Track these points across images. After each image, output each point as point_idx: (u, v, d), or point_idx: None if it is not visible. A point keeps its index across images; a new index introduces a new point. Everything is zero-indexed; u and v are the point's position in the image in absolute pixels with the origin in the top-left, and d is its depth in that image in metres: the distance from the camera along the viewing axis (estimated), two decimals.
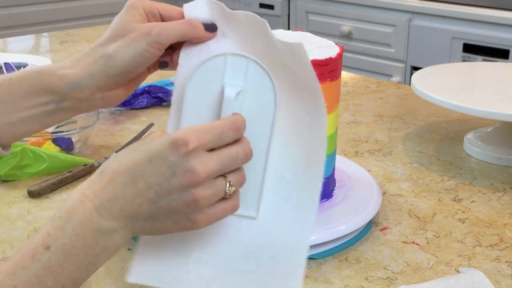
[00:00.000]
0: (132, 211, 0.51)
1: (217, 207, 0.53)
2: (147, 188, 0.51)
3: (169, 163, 0.51)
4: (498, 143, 0.97)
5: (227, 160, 0.53)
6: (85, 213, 0.50)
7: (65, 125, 0.97)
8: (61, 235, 0.49)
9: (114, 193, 0.51)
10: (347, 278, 0.66)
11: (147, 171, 0.51)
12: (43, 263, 0.48)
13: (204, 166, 0.51)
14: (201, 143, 0.51)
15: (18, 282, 0.47)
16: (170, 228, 0.53)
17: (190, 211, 0.52)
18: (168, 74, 1.43)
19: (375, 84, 1.36)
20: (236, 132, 0.54)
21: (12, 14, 2.81)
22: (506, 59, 2.04)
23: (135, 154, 0.52)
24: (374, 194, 0.77)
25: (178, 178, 0.51)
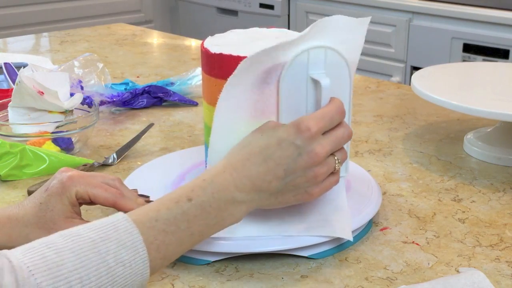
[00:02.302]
0: (262, 186, 0.61)
1: (327, 180, 0.65)
2: (277, 167, 0.61)
3: (295, 146, 0.61)
4: (498, 143, 0.97)
5: (336, 141, 0.64)
6: (224, 182, 0.59)
7: (65, 125, 0.97)
8: (202, 193, 0.58)
9: (250, 171, 0.60)
10: (347, 278, 0.66)
11: (277, 152, 0.61)
12: (184, 209, 0.57)
13: (323, 148, 0.62)
14: (320, 128, 0.62)
15: (160, 217, 0.56)
16: (290, 200, 0.64)
17: (309, 185, 0.63)
18: (168, 74, 1.43)
19: (375, 84, 1.36)
20: (341, 115, 0.64)
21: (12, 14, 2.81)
22: (506, 59, 2.04)
23: (265, 139, 0.62)
24: (374, 194, 0.77)
25: (303, 158, 0.61)
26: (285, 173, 0.61)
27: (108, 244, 0.52)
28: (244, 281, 0.66)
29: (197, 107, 1.21)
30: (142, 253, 0.53)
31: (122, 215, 0.55)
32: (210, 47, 0.71)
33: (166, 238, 0.56)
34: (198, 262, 0.68)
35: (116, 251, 0.52)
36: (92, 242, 0.51)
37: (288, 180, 0.62)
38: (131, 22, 2.26)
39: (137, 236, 0.53)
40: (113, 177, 0.71)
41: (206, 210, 0.58)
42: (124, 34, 1.89)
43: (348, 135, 0.65)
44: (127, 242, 0.53)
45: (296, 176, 0.62)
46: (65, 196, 0.66)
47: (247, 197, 0.60)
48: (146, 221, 0.55)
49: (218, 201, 0.59)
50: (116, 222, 0.54)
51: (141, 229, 0.54)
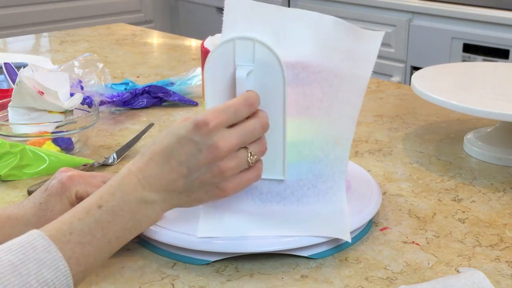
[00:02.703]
0: (169, 185, 0.60)
1: (242, 175, 0.63)
2: (179, 165, 0.60)
3: (194, 142, 0.60)
4: (498, 143, 0.97)
5: (245, 133, 0.62)
6: (130, 184, 0.59)
7: (65, 125, 0.97)
8: (112, 198, 0.58)
9: (154, 170, 0.60)
10: (347, 278, 0.66)
11: (177, 151, 0.60)
12: (96, 218, 0.57)
13: (225, 141, 0.60)
14: (219, 121, 0.60)
15: (74, 230, 0.55)
16: (203, 198, 0.63)
17: (218, 181, 0.61)
18: (168, 74, 1.43)
19: (375, 84, 1.36)
20: (249, 107, 0.62)
21: (12, 14, 2.81)
22: (506, 59, 2.04)
23: (167, 138, 0.61)
24: (374, 194, 0.77)
25: (203, 154, 0.60)
26: (188, 171, 0.60)
27: (29, 266, 0.51)
28: (244, 281, 0.66)
29: (197, 107, 1.21)
30: (64, 270, 0.53)
31: (37, 232, 0.54)
32: (210, 47, 0.71)
33: (84, 250, 0.55)
34: (198, 262, 0.68)
35: (37, 272, 0.51)
36: (12, 265, 0.51)
37: (193, 177, 0.60)
38: (131, 22, 2.26)
39: (56, 254, 0.53)
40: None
41: (118, 214, 0.58)
42: (124, 34, 1.89)
43: (262, 127, 0.63)
44: (47, 261, 0.52)
45: (201, 172, 0.60)
46: (65, 196, 0.66)
47: (158, 197, 0.60)
48: (61, 236, 0.54)
49: (128, 204, 0.58)
50: (33, 241, 0.53)
51: (57, 245, 0.53)
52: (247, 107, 0.62)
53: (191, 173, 0.60)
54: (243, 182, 0.63)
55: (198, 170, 0.60)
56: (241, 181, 0.63)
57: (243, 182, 0.63)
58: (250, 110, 0.63)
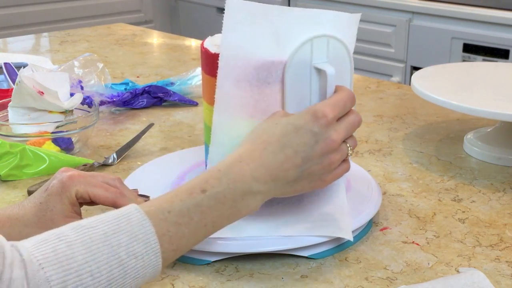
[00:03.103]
0: (279, 175, 0.60)
1: (339, 168, 0.65)
2: (294, 155, 0.60)
3: (313, 133, 0.61)
4: (498, 143, 0.97)
5: (349, 127, 0.64)
6: (241, 172, 0.59)
7: (65, 125, 0.97)
8: (217, 184, 0.58)
9: (267, 160, 0.60)
10: (347, 278, 0.66)
11: (295, 140, 0.61)
12: (197, 201, 0.56)
13: (338, 134, 0.62)
14: (335, 115, 0.62)
15: (173, 208, 0.55)
16: (305, 188, 0.64)
17: (324, 173, 0.63)
18: (168, 74, 1.43)
19: (375, 84, 1.36)
20: (353, 101, 0.65)
21: (12, 14, 2.81)
22: (506, 59, 2.04)
23: (281, 126, 0.62)
24: (374, 194, 0.77)
25: (320, 145, 0.61)
26: (302, 161, 0.61)
27: (120, 237, 0.51)
28: (244, 281, 0.66)
29: (197, 107, 1.21)
30: (155, 245, 0.53)
31: (135, 206, 0.54)
32: (210, 47, 0.71)
33: (179, 230, 0.55)
34: (198, 262, 0.68)
35: (128, 244, 0.51)
36: (104, 234, 0.51)
37: (305, 167, 0.61)
38: (131, 22, 2.26)
39: (149, 228, 0.53)
40: (113, 177, 0.71)
41: (220, 201, 0.57)
42: (124, 34, 1.89)
43: (359, 122, 0.66)
44: (139, 234, 0.52)
45: (313, 163, 0.62)
46: (65, 196, 0.66)
47: (264, 187, 0.60)
48: (159, 213, 0.54)
49: (233, 192, 0.58)
50: (128, 214, 0.53)
51: (153, 221, 0.53)
52: (351, 101, 0.65)
53: (304, 163, 0.61)
54: (339, 173, 0.65)
55: (311, 161, 0.61)
56: (338, 172, 0.65)
57: (339, 173, 0.65)
58: (353, 104, 0.65)
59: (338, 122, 0.63)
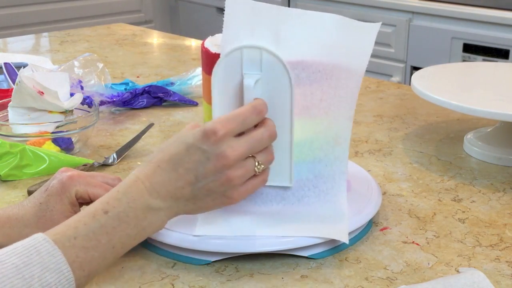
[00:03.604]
0: (176, 193, 0.60)
1: (248, 183, 0.63)
2: (187, 173, 0.60)
3: (202, 151, 0.60)
4: (498, 143, 0.97)
5: (253, 142, 0.62)
6: (138, 191, 0.59)
7: (65, 125, 0.97)
8: (118, 204, 0.58)
9: (161, 177, 0.60)
10: (347, 278, 0.66)
11: (185, 159, 0.60)
12: (101, 223, 0.57)
13: (233, 150, 0.61)
14: (228, 130, 0.60)
15: (78, 234, 0.55)
16: (210, 206, 0.63)
17: (225, 189, 0.62)
18: (168, 74, 1.43)
19: (375, 84, 1.36)
20: (258, 115, 0.63)
21: (12, 14, 2.81)
22: (506, 59, 2.04)
23: (175, 145, 0.61)
24: (374, 194, 0.77)
25: (212, 162, 0.60)
26: (195, 179, 0.60)
27: (32, 269, 0.51)
28: (244, 281, 0.66)
29: (197, 107, 1.21)
30: (67, 274, 0.53)
31: (42, 236, 0.54)
32: (210, 47, 0.71)
33: (88, 255, 0.55)
34: (198, 262, 0.68)
35: (40, 275, 0.51)
36: (16, 268, 0.51)
37: (200, 185, 0.61)
38: (131, 22, 2.26)
39: (60, 258, 0.53)
40: (113, 177, 0.71)
41: (124, 221, 0.58)
42: (124, 34, 1.89)
43: (269, 136, 0.64)
44: (50, 264, 0.52)
45: (209, 180, 0.61)
46: (65, 196, 0.66)
47: (164, 204, 0.60)
48: (65, 240, 0.54)
49: (134, 210, 0.58)
50: (37, 244, 0.53)
51: (61, 249, 0.53)
52: (255, 115, 0.63)
53: (199, 181, 0.61)
54: (249, 189, 0.64)
55: (206, 178, 0.61)
56: (247, 188, 0.64)
57: (249, 189, 0.64)
58: (258, 119, 0.63)
59: (237, 138, 0.62)
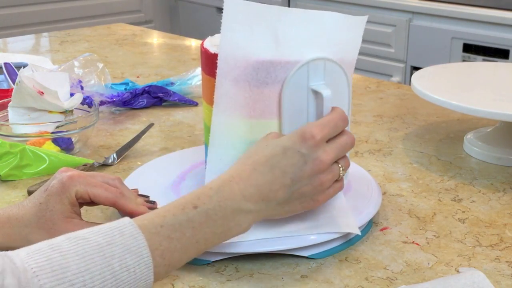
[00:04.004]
0: (269, 196, 0.61)
1: (331, 187, 0.65)
2: (283, 175, 0.61)
3: (300, 154, 0.62)
4: (498, 143, 0.97)
5: (340, 148, 0.65)
6: (231, 191, 0.59)
7: (65, 125, 0.97)
8: (208, 201, 0.58)
9: (257, 180, 0.60)
10: (347, 278, 0.66)
11: (283, 161, 0.61)
12: (189, 216, 0.57)
13: (327, 155, 0.63)
14: (324, 135, 0.63)
15: (166, 223, 0.56)
16: (297, 209, 0.64)
17: (315, 193, 0.64)
18: (168, 74, 1.43)
19: (375, 84, 1.36)
20: (344, 122, 0.66)
21: (12, 14, 2.81)
22: (506, 59, 2.04)
23: (270, 148, 0.62)
24: (374, 194, 0.77)
25: (308, 166, 0.62)
26: (291, 182, 0.61)
27: (114, 249, 0.52)
28: (244, 281, 0.66)
29: (197, 107, 1.21)
30: (147, 258, 0.53)
31: (128, 220, 0.54)
32: (210, 47, 0.71)
33: (171, 245, 0.55)
34: (198, 262, 0.68)
35: (121, 256, 0.51)
36: (98, 245, 0.51)
37: (294, 188, 0.62)
38: (131, 22, 2.26)
39: (142, 242, 0.53)
40: (113, 177, 0.71)
41: (212, 218, 0.58)
42: (124, 34, 1.89)
43: (351, 143, 0.66)
44: (132, 247, 0.52)
45: (303, 184, 0.62)
46: (65, 196, 0.66)
47: (254, 207, 0.60)
48: (152, 227, 0.55)
49: (224, 210, 0.59)
50: (122, 226, 0.53)
51: (146, 235, 0.54)
52: (343, 122, 0.65)
53: (294, 184, 0.62)
54: (332, 193, 0.66)
55: (300, 182, 0.62)
56: (330, 192, 0.66)
57: (331, 194, 0.66)
58: (344, 125, 0.66)
59: (328, 143, 0.64)
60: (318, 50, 0.67)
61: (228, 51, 0.65)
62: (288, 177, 0.61)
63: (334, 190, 0.66)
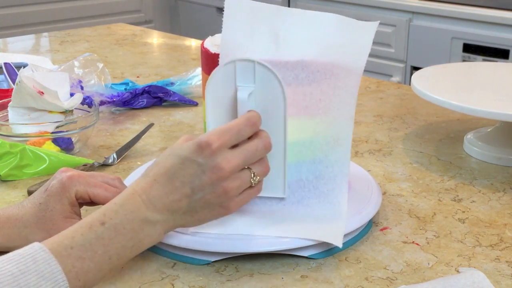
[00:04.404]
0: (172, 206, 0.60)
1: (244, 194, 0.64)
2: (183, 186, 0.60)
3: (197, 164, 0.60)
4: (498, 143, 0.97)
5: (248, 153, 0.62)
6: (134, 203, 0.59)
7: (65, 125, 0.97)
8: (115, 216, 0.58)
9: (158, 191, 0.60)
10: (347, 278, 0.66)
11: (181, 172, 0.60)
12: (98, 234, 0.57)
13: (228, 162, 0.61)
14: (222, 143, 0.61)
15: (75, 244, 0.55)
16: (207, 217, 0.63)
17: (222, 201, 0.62)
18: (168, 74, 1.43)
19: (375, 84, 1.36)
20: (252, 127, 0.63)
21: (12, 14, 2.81)
22: (506, 59, 2.04)
23: (170, 159, 0.61)
24: (374, 194, 0.77)
25: (207, 175, 0.60)
26: (192, 191, 0.60)
27: (28, 277, 0.51)
28: (244, 281, 0.66)
29: (197, 107, 1.21)
30: (62, 283, 0.53)
31: (38, 245, 0.54)
32: (210, 47, 0.71)
33: (84, 265, 0.55)
34: (198, 262, 0.68)
35: (36, 284, 0.51)
36: (12, 275, 0.51)
37: (197, 197, 0.61)
38: (131, 22, 2.26)
39: (55, 266, 0.53)
40: (113, 177, 0.71)
41: (120, 232, 0.58)
42: (124, 34, 1.89)
43: (264, 147, 0.64)
44: (46, 273, 0.52)
45: (205, 193, 0.61)
46: (65, 196, 0.66)
47: (161, 217, 0.60)
48: (62, 250, 0.54)
49: (131, 222, 0.58)
50: (34, 253, 0.53)
51: (58, 258, 0.53)
52: (250, 127, 0.63)
53: (195, 193, 0.61)
54: (245, 199, 0.64)
55: (202, 191, 0.61)
56: (242, 198, 0.64)
57: (244, 200, 0.64)
58: (252, 130, 0.63)
59: (232, 150, 0.62)
60: (318, 51, 0.67)
61: (228, 51, 0.65)
62: (188, 187, 0.60)
63: (248, 196, 0.64)
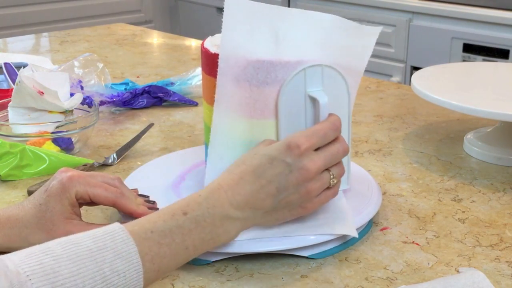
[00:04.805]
0: (256, 204, 0.62)
1: (322, 195, 0.66)
2: (269, 185, 0.62)
3: (286, 163, 0.62)
4: (498, 143, 0.97)
5: (330, 156, 0.65)
6: (219, 198, 0.61)
7: (65, 125, 0.97)
8: (197, 208, 0.59)
9: (244, 189, 0.62)
10: (347, 278, 0.66)
11: (269, 171, 0.62)
12: (179, 223, 0.58)
13: (314, 164, 0.63)
14: (310, 145, 0.63)
15: (156, 229, 0.57)
16: (286, 216, 0.65)
17: (303, 201, 0.64)
18: (168, 74, 1.43)
19: (375, 84, 1.36)
20: (335, 131, 0.66)
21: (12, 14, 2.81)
22: (506, 59, 2.04)
23: (258, 158, 0.63)
24: (374, 194, 0.77)
25: (294, 175, 0.62)
26: (277, 191, 0.62)
27: (105, 253, 0.52)
28: (244, 281, 0.66)
29: (197, 107, 1.21)
30: (137, 263, 0.54)
31: (119, 225, 0.55)
32: (210, 47, 0.71)
33: (161, 250, 0.56)
34: (198, 262, 0.68)
35: (111, 261, 0.52)
36: (89, 250, 0.52)
37: (281, 197, 0.63)
38: (131, 22, 2.26)
39: (132, 247, 0.54)
40: (113, 177, 0.71)
41: (201, 225, 0.59)
42: (124, 34, 1.89)
43: (344, 151, 0.66)
44: (122, 252, 0.53)
45: (289, 193, 0.63)
46: (65, 197, 0.66)
47: (242, 215, 0.62)
48: (142, 233, 0.56)
49: (212, 217, 0.60)
50: (113, 232, 0.54)
51: (136, 240, 0.54)
52: (334, 131, 0.65)
53: (280, 193, 0.62)
54: (323, 200, 0.66)
55: (287, 191, 0.62)
56: (321, 199, 0.66)
57: (323, 200, 0.66)
58: (335, 134, 0.66)
59: (316, 152, 0.64)
60: (318, 51, 0.67)
61: (228, 51, 0.65)
62: (274, 186, 0.62)
63: (325, 198, 0.66)
